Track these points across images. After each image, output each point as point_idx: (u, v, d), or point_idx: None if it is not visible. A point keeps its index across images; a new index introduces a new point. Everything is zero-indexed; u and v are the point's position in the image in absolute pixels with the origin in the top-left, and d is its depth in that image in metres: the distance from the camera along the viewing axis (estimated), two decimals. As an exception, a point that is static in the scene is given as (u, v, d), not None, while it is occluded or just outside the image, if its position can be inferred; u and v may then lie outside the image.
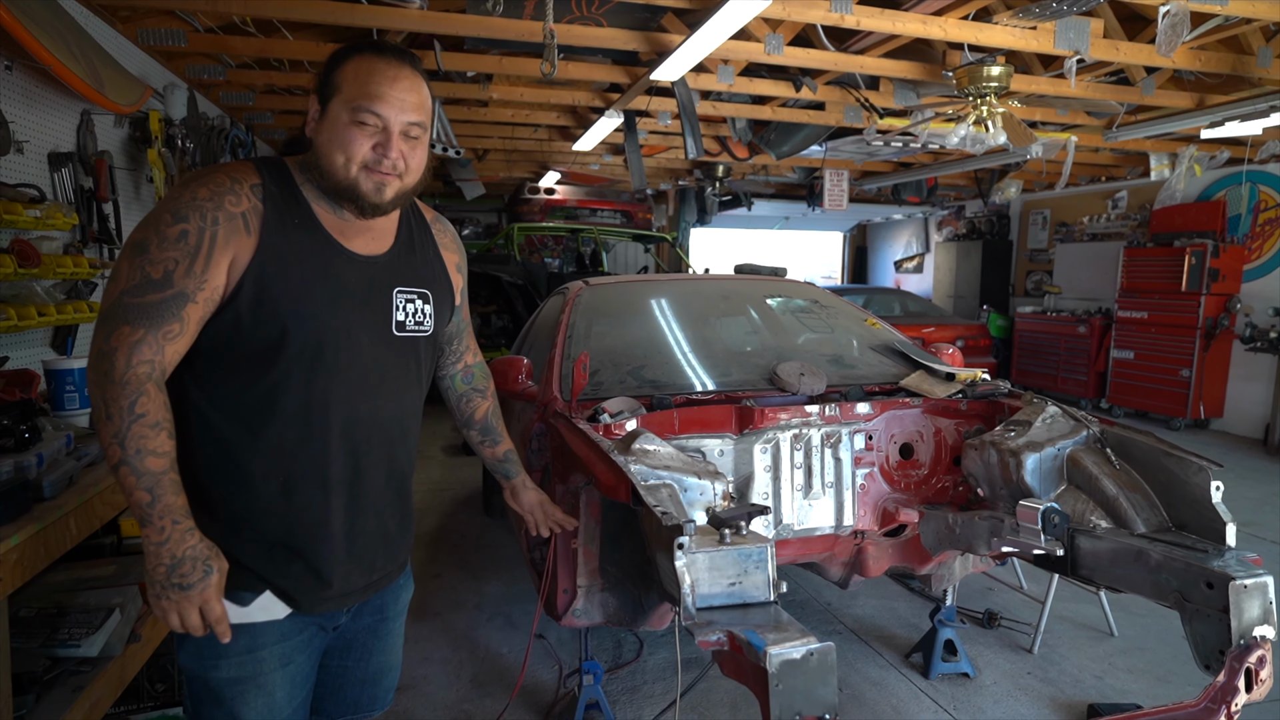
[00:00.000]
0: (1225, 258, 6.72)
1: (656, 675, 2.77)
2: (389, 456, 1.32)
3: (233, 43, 3.85)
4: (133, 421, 1.05)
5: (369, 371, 1.26)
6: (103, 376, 1.07)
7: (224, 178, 1.15)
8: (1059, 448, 2.14)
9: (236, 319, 1.15)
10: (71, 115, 2.90)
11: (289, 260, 1.17)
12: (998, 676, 2.77)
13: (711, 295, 3.11)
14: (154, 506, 1.07)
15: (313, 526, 1.23)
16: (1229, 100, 4.51)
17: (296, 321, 1.17)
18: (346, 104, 1.16)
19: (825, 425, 2.32)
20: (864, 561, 2.50)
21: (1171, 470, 1.91)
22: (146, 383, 1.08)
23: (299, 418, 1.20)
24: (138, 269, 1.09)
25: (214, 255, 1.12)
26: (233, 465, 1.19)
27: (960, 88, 4.02)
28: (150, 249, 1.10)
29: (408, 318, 1.32)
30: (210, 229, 1.12)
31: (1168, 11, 2.91)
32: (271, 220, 1.16)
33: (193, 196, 1.12)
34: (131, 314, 1.08)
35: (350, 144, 1.17)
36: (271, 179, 1.20)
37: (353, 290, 1.24)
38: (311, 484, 1.22)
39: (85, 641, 1.66)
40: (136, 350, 1.08)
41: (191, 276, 1.10)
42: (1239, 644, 1.52)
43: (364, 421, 1.26)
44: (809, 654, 1.28)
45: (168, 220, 1.11)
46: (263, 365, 1.17)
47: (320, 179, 1.20)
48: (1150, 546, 1.77)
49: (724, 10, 2.94)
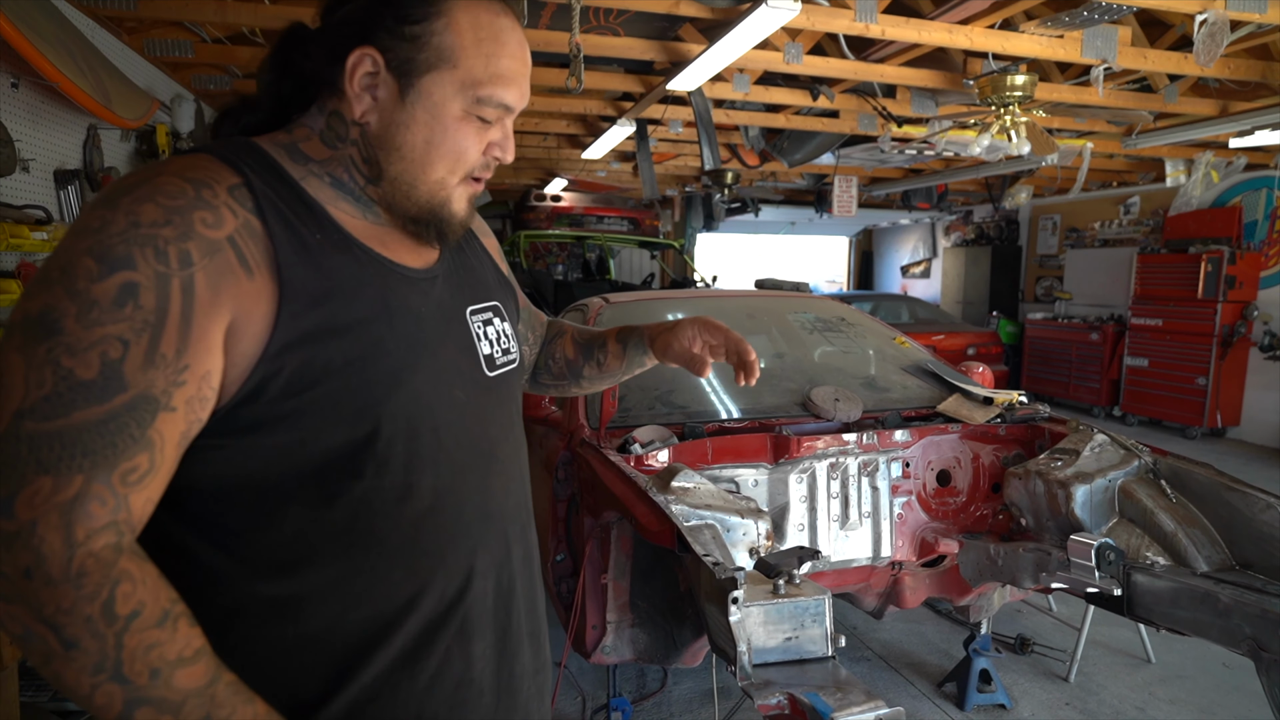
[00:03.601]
0: (1242, 264, 6.64)
1: (684, 707, 2.68)
2: (526, 550, 0.91)
3: (240, 53, 3.78)
4: (122, 632, 0.60)
5: (478, 441, 0.84)
6: (21, 581, 0.58)
7: (179, 183, 0.66)
8: (1110, 479, 2.05)
9: (269, 423, 0.69)
10: (78, 131, 2.82)
11: (334, 302, 0.72)
12: (1035, 708, 2.69)
13: (736, 313, 3.02)
14: None
15: (454, 692, 0.80)
16: (1253, 107, 4.44)
17: (379, 397, 0.73)
18: (466, 88, 0.76)
19: (863, 453, 2.24)
20: (900, 593, 2.42)
21: (1234, 505, 1.82)
22: (118, 561, 0.61)
23: (409, 547, 0.76)
24: (45, 366, 0.60)
25: (195, 321, 0.64)
26: (310, 649, 0.73)
27: (982, 97, 3.95)
28: (65, 326, 0.60)
29: (494, 348, 0.90)
30: (179, 274, 0.64)
31: (1205, 21, 2.83)
32: (283, 243, 0.70)
33: (131, 222, 0.63)
34: (46, 452, 0.59)
35: (466, 152, 0.78)
36: (257, 175, 0.72)
37: (426, 324, 0.80)
38: (444, 634, 0.79)
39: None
40: (77, 515, 0.59)
41: (158, 365, 0.62)
42: (1324, 699, 1.44)
43: (494, 516, 0.85)
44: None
45: (90, 269, 0.61)
46: (330, 484, 0.72)
47: (387, 191, 0.78)
48: (1218, 588, 1.68)
49: (747, 21, 2.86)
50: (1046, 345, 8.67)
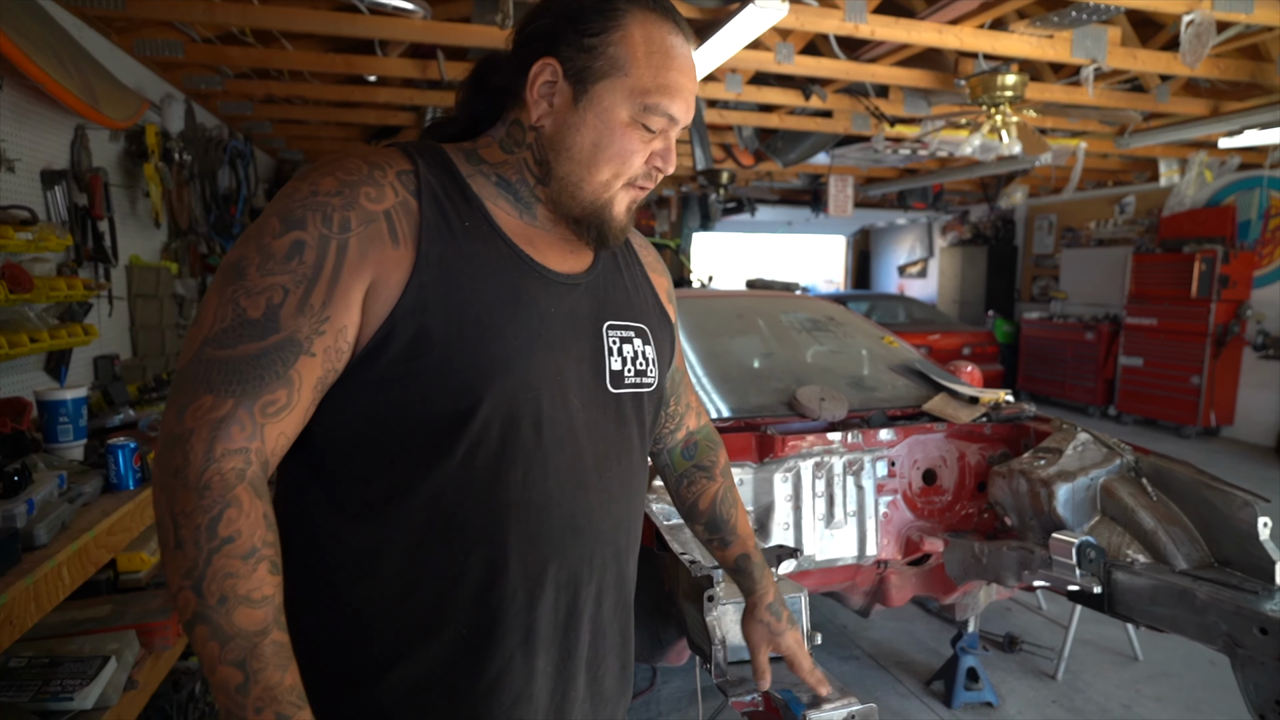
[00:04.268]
0: (1236, 264, 6.65)
1: (672, 705, 2.69)
2: (618, 580, 0.90)
3: (231, 53, 3.77)
4: (214, 551, 0.67)
5: (583, 451, 0.84)
6: (171, 476, 0.68)
7: (359, 162, 0.78)
8: (1092, 477, 2.06)
9: (383, 384, 0.76)
10: (65, 131, 2.82)
11: (462, 281, 0.77)
12: (1022, 705, 2.69)
13: (726, 313, 3.03)
14: (247, 691, 0.66)
15: (512, 707, 0.81)
16: (1244, 107, 4.44)
17: (485, 377, 0.77)
18: (635, 96, 0.80)
19: (848, 453, 2.24)
20: (886, 591, 2.42)
21: (1213, 504, 1.83)
22: (236, 486, 0.69)
23: (488, 535, 0.78)
24: (229, 303, 0.71)
25: (341, 279, 0.73)
26: (381, 612, 0.78)
27: (974, 96, 3.95)
28: (248, 272, 0.72)
29: (626, 365, 0.90)
30: (338, 238, 0.73)
31: (1191, 21, 2.83)
32: (432, 221, 0.78)
33: (312, 190, 0.74)
34: (216, 375, 0.70)
35: (631, 157, 0.82)
36: (428, 166, 0.81)
37: (554, 325, 0.83)
38: (509, 638, 0.80)
39: (79, 694, 1.57)
40: (221, 433, 0.69)
41: (306, 314, 0.72)
42: (1298, 696, 1.44)
43: (583, 532, 0.84)
44: (851, 718, 1.20)
45: (275, 227, 0.73)
46: (427, 454, 0.77)
47: (554, 190, 0.84)
48: (1195, 585, 1.69)
49: (735, 21, 2.87)
50: (1042, 345, 8.68)
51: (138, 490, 1.89)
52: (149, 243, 3.69)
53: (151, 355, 3.47)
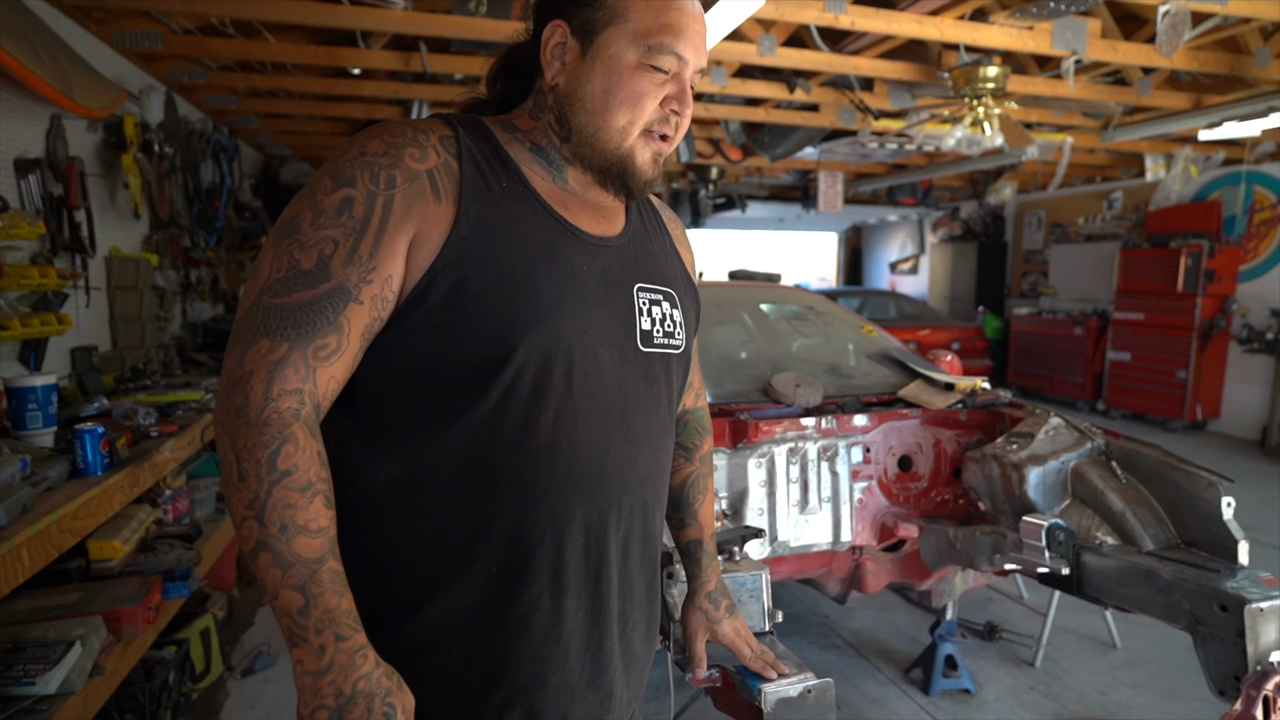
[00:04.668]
0: (1221, 258, 6.69)
1: (651, 693, 2.68)
2: (644, 532, 0.93)
3: (212, 45, 3.76)
4: (274, 483, 0.72)
5: (612, 403, 0.87)
6: (233, 415, 0.73)
7: (404, 127, 0.83)
8: (1063, 461, 2.06)
9: (423, 330, 0.80)
10: (40, 120, 2.81)
11: (499, 237, 0.82)
12: (1000, 692, 2.70)
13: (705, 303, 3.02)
14: (308, 614, 0.71)
15: (540, 645, 0.84)
16: (1226, 100, 4.46)
17: (520, 327, 0.81)
18: (638, 39, 0.84)
19: (822, 438, 2.25)
20: (862, 577, 2.43)
21: (1180, 485, 1.84)
22: (293, 424, 0.74)
23: (518, 477, 0.82)
24: (284, 255, 0.77)
25: (387, 231, 0.78)
26: (417, 550, 0.82)
27: (956, 89, 3.96)
28: (302, 227, 0.77)
29: (655, 326, 0.93)
30: (384, 194, 0.78)
31: (1167, 11, 2.84)
32: (472, 181, 0.83)
33: (361, 151, 0.80)
34: (273, 321, 0.75)
35: (643, 99, 0.85)
36: (467, 132, 0.87)
37: (586, 282, 0.87)
38: (539, 578, 0.83)
39: (41, 678, 1.57)
40: (278, 374, 0.74)
41: (355, 263, 0.77)
42: (1256, 670, 1.45)
43: (610, 480, 0.86)
44: (806, 691, 1.20)
45: (326, 185, 0.78)
46: (463, 399, 0.81)
47: (576, 144, 0.88)
48: (1160, 566, 1.70)
49: (714, 10, 2.86)
50: (1032, 340, 8.71)
51: (106, 476, 1.88)
52: (129, 234, 3.67)
53: (131, 347, 3.45)
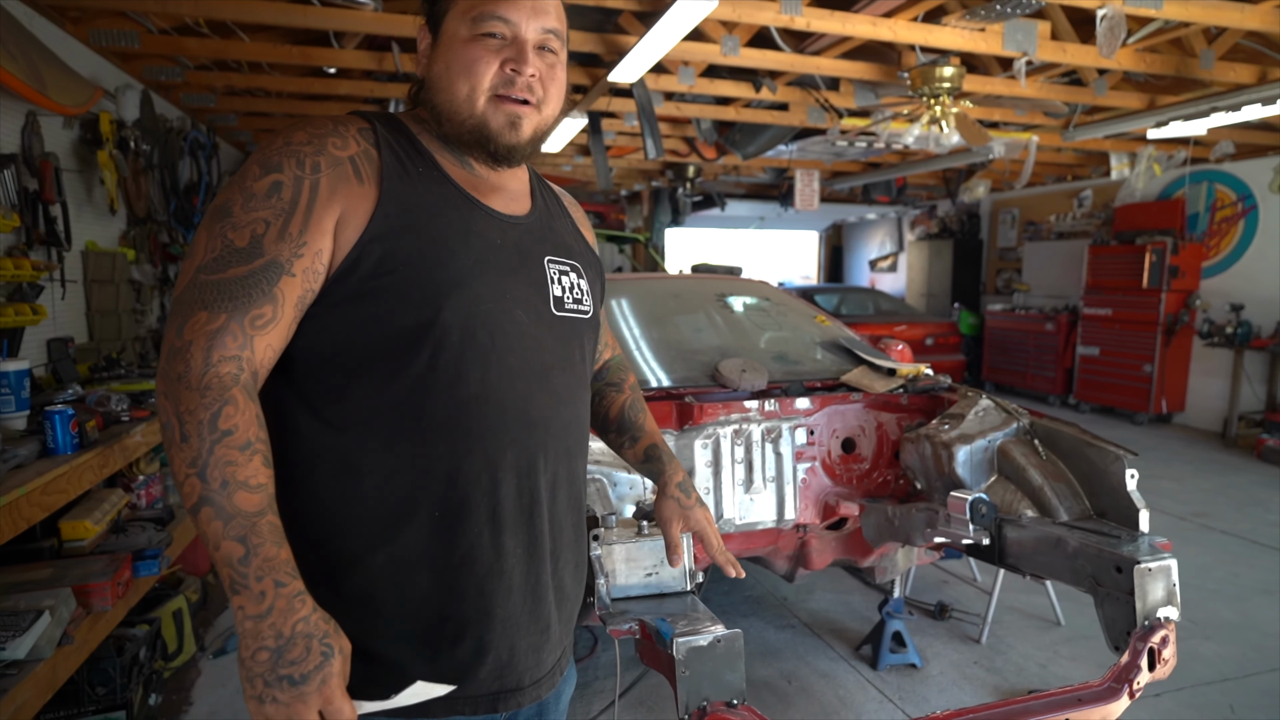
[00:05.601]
0: (1184, 255, 6.85)
1: (608, 671, 2.79)
2: (569, 475, 1.02)
3: (188, 44, 3.83)
4: (215, 442, 0.78)
5: (531, 359, 0.96)
6: (175, 382, 0.79)
7: (325, 121, 0.92)
8: (989, 440, 2.18)
9: (354, 299, 0.88)
10: (15, 117, 2.88)
11: (420, 213, 0.91)
12: (944, 667, 2.82)
13: (664, 294, 3.14)
14: (249, 562, 0.77)
15: (484, 579, 0.91)
16: (1178, 101, 4.61)
17: (443, 291, 0.89)
18: (466, 15, 0.93)
19: (765, 420, 2.36)
20: (808, 555, 2.54)
21: (1092, 460, 1.96)
22: (233, 388, 0.80)
23: (454, 424, 0.89)
24: (217, 237, 0.84)
25: (314, 210, 0.85)
26: (362, 503, 0.88)
27: (915, 88, 4.09)
28: (234, 211, 0.84)
29: (565, 293, 1.03)
30: (310, 178, 0.86)
31: (1105, 15, 2.97)
32: (390, 166, 0.91)
33: (286, 142, 0.88)
34: (209, 295, 0.81)
35: (476, 65, 0.92)
36: (383, 125, 0.95)
37: (502, 253, 0.96)
38: (478, 517, 0.91)
39: (10, 644, 1.66)
40: (217, 342, 0.80)
41: (286, 240, 0.84)
42: (1143, 625, 1.57)
43: (535, 426, 0.95)
44: (716, 641, 1.30)
45: (255, 173, 0.86)
46: (396, 359, 0.88)
47: (442, 124, 0.96)
48: (1069, 534, 1.81)
49: (671, 12, 2.97)
50: (1005, 336, 8.87)
51: (75, 455, 1.97)
52: (106, 229, 3.75)
53: (108, 339, 3.53)
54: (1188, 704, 2.55)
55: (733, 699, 1.31)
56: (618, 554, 1.47)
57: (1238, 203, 6.78)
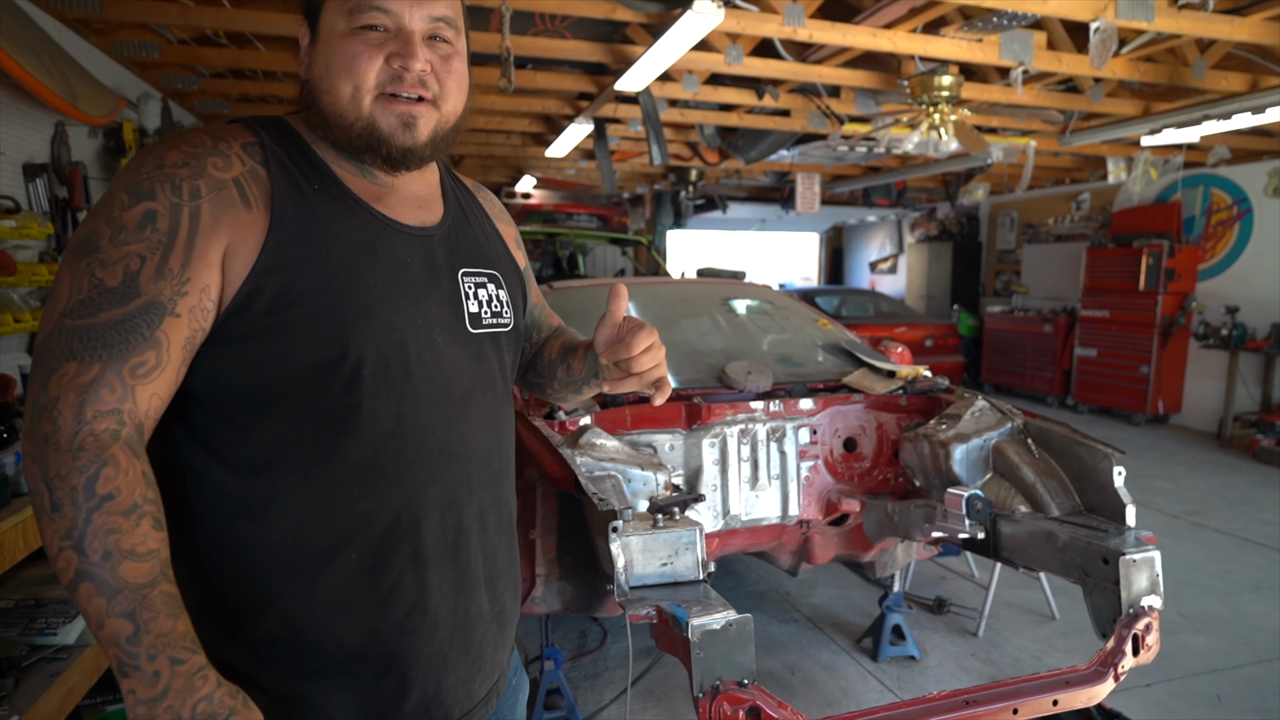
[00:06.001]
0: (1181, 258, 6.95)
1: (618, 663, 2.89)
2: (495, 500, 0.97)
3: (206, 54, 3.94)
4: (94, 509, 0.69)
5: (451, 385, 0.90)
6: (41, 444, 0.70)
7: (202, 136, 0.80)
8: (985, 439, 2.28)
9: (251, 337, 0.79)
10: (45, 127, 2.99)
11: (319, 238, 0.82)
12: (942, 658, 2.92)
13: (671, 298, 3.24)
14: (138, 641, 0.69)
15: (408, 618, 0.86)
16: (1172, 108, 4.71)
17: (350, 323, 0.82)
18: (342, 6, 0.84)
19: (770, 420, 2.46)
20: (811, 550, 2.64)
21: (1082, 458, 2.05)
22: (111, 445, 0.71)
23: (370, 464, 0.84)
24: (83, 276, 0.73)
25: (197, 243, 0.76)
26: (273, 547, 0.82)
27: (914, 96, 4.19)
28: (100, 245, 0.74)
29: (482, 307, 0.96)
30: (189, 204, 0.76)
31: (1098, 28, 3.07)
32: (281, 187, 0.82)
33: (158, 164, 0.77)
34: (78, 343, 0.72)
35: (357, 61, 0.83)
36: (271, 137, 0.85)
37: (410, 272, 0.89)
38: (400, 557, 0.86)
39: (62, 630, 1.76)
40: (90, 396, 0.71)
41: (166, 277, 0.75)
42: (1128, 613, 1.67)
43: (457, 458, 0.90)
44: (728, 624, 1.40)
45: (123, 200, 0.76)
46: (303, 398, 0.81)
47: (330, 129, 0.86)
48: (1059, 528, 1.91)
49: (677, 26, 3.08)
50: (1004, 337, 8.97)
51: (114, 453, 2.07)
52: (127, 235, 3.86)
53: (129, 342, 3.63)
54: (1178, 694, 2.65)
55: (743, 679, 1.41)
56: (635, 545, 1.56)
57: (1233, 206, 6.88)
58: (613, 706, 2.58)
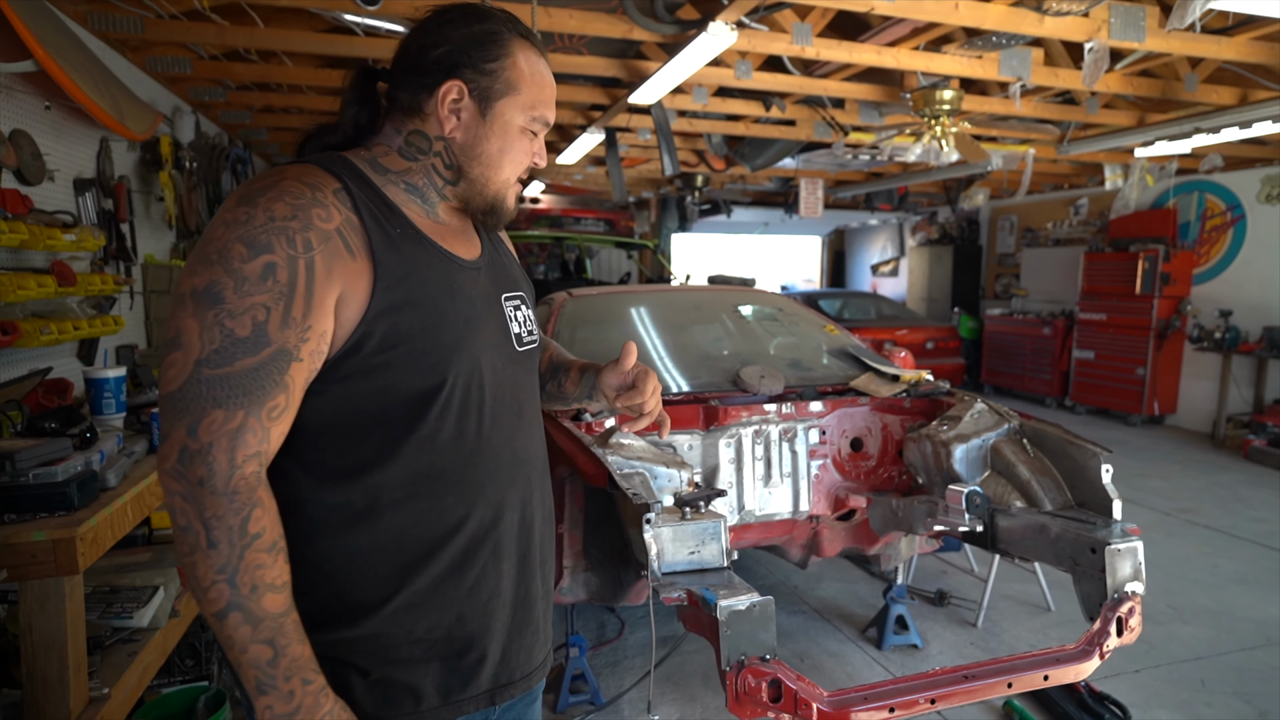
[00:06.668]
0: (1176, 262, 7.11)
1: (637, 651, 3.05)
2: (543, 500, 1.12)
3: (235, 68, 4.10)
4: (246, 547, 0.79)
5: (510, 401, 1.04)
6: (197, 486, 0.78)
7: (298, 186, 0.87)
8: (984, 439, 2.44)
9: (360, 374, 0.89)
10: (91, 143, 3.15)
11: (413, 281, 0.92)
12: (943, 647, 3.08)
13: (685, 305, 3.40)
14: (277, 664, 0.80)
15: (487, 602, 1.00)
16: (1166, 119, 4.88)
17: (445, 357, 0.93)
18: (526, 109, 0.99)
19: (782, 422, 2.62)
20: (820, 543, 2.80)
21: (1073, 456, 2.21)
22: (258, 488, 0.81)
23: (460, 478, 0.96)
24: (214, 327, 0.80)
25: (315, 293, 0.84)
26: (374, 556, 0.92)
27: (917, 109, 4.35)
28: (226, 296, 0.80)
29: (522, 329, 1.09)
30: (304, 256, 0.84)
31: (1091, 48, 3.23)
32: (374, 234, 0.90)
33: (268, 217, 0.83)
34: (221, 392, 0.79)
35: (524, 157, 1.02)
36: (350, 180, 0.93)
37: (477, 305, 1.01)
38: (483, 553, 0.99)
39: (137, 614, 1.92)
40: (239, 442, 0.79)
41: (290, 325, 0.82)
42: (1113, 597, 1.83)
43: (523, 463, 1.05)
44: (752, 605, 1.56)
45: (241, 253, 0.81)
46: (403, 423, 0.92)
47: (461, 185, 1.00)
48: (1051, 521, 2.07)
49: (692, 46, 3.24)
50: (1004, 340, 9.12)
51: (176, 452, 2.23)
52: (160, 243, 4.01)
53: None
54: (1164, 680, 2.81)
55: (766, 654, 1.57)
56: (665, 536, 1.72)
57: (1227, 212, 7.04)
58: (633, 690, 2.74)
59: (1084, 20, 3.23)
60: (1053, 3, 2.99)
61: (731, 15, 3.13)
